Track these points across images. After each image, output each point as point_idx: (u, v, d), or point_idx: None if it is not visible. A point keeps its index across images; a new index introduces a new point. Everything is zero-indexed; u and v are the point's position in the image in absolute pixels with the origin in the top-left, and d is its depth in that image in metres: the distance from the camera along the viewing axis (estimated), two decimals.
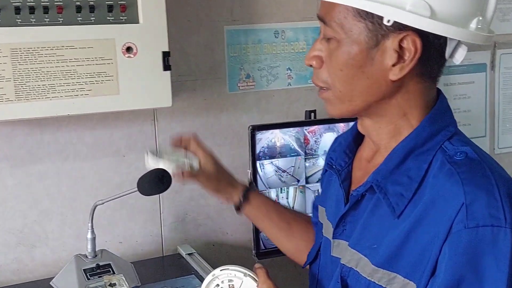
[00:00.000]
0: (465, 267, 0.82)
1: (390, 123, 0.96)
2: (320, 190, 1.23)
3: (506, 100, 2.16)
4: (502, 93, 2.16)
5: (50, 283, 1.45)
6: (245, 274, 0.99)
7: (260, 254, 1.63)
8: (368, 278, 0.93)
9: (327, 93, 0.96)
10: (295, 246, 1.27)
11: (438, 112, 0.95)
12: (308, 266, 1.19)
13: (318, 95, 0.99)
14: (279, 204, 1.40)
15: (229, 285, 0.99)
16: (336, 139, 1.17)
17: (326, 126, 1.69)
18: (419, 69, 0.90)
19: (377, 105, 0.94)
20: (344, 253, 0.99)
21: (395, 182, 0.92)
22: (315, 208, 1.25)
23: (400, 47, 0.88)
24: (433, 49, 0.89)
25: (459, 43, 0.91)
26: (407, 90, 0.93)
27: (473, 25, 0.89)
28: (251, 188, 1.31)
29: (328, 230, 1.08)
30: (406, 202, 0.90)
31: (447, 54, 0.91)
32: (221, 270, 1.00)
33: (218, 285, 1.00)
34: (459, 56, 0.92)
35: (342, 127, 1.70)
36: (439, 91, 0.98)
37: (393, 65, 0.89)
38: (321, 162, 1.70)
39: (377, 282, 0.91)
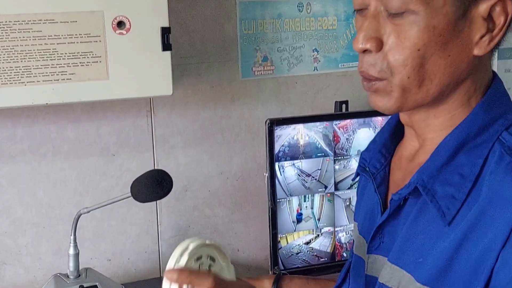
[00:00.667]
0: None
1: (448, 112, 0.95)
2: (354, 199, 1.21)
3: None
4: None
5: None
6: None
7: (278, 275, 1.60)
8: None
9: (383, 84, 0.93)
10: None
11: (494, 97, 0.95)
12: None
13: (367, 88, 0.96)
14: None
15: (210, 264, 1.02)
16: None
17: (360, 120, 1.68)
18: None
19: (448, 89, 0.93)
20: (382, 270, 0.99)
21: (445, 181, 0.92)
22: None
23: (489, 14, 0.89)
24: None
25: None
26: (479, 69, 0.93)
27: None
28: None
29: (360, 246, 1.08)
30: (459, 206, 0.90)
31: None
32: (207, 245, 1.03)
33: (200, 258, 1.02)
34: None
35: (380, 121, 1.69)
36: (494, 73, 0.98)
37: (481, 37, 0.89)
38: (354, 164, 1.69)
39: None
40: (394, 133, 1.06)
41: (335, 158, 1.67)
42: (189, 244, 1.03)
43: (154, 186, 1.31)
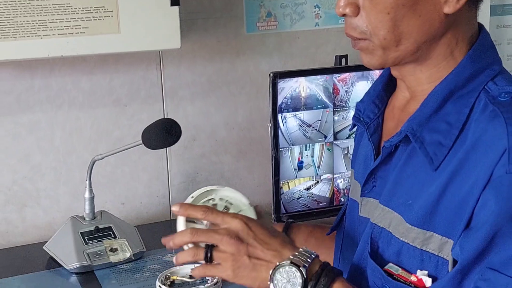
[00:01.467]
0: (505, 215, 0.83)
1: (434, 65, 0.96)
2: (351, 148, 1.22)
3: None
4: None
5: (43, 247, 1.45)
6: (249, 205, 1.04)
7: (280, 218, 1.62)
8: (401, 239, 0.94)
9: (366, 44, 0.95)
10: None
11: (481, 49, 0.95)
12: (333, 233, 1.21)
13: (353, 47, 0.98)
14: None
15: (226, 206, 1.03)
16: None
17: (359, 73, 1.67)
18: None
19: (426, 47, 0.94)
20: (374, 212, 1.00)
21: (433, 129, 0.93)
22: None
23: None
24: None
25: None
26: (458, 24, 0.93)
27: None
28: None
29: (355, 190, 1.10)
30: (446, 152, 0.91)
31: None
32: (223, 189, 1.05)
33: (213, 199, 1.03)
34: None
35: (377, 74, 1.66)
36: (480, 26, 0.98)
37: None
38: (352, 115, 1.66)
39: (411, 243, 0.92)
40: (387, 85, 1.07)
41: (334, 109, 1.66)
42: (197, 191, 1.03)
43: (163, 133, 1.31)
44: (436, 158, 0.91)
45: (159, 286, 1.26)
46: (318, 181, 1.67)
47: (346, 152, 1.68)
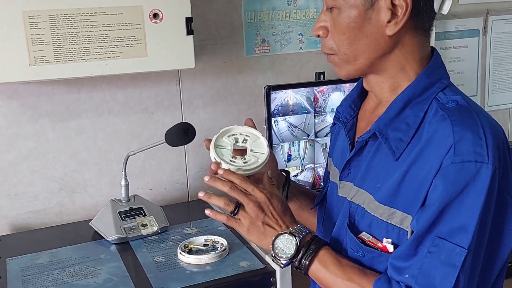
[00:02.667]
0: (451, 196, 0.83)
1: (391, 77, 0.96)
2: (329, 143, 1.21)
3: (496, 63, 2.12)
4: (493, 56, 2.11)
5: (90, 223, 1.45)
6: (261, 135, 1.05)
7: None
8: (372, 213, 0.94)
9: (334, 58, 0.97)
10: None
11: (433, 67, 0.95)
12: (315, 208, 1.20)
13: (328, 60, 0.99)
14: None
15: (244, 138, 1.05)
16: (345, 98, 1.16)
17: (333, 86, 1.68)
18: (412, 23, 0.91)
19: (379, 61, 0.94)
20: (350, 192, 1.00)
21: (395, 128, 0.92)
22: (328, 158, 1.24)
23: (393, 4, 0.89)
24: (422, 3, 0.90)
25: None
26: (404, 44, 0.93)
27: None
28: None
29: (334, 175, 1.09)
30: (405, 146, 0.91)
31: (436, 8, 0.92)
32: (240, 129, 1.07)
33: (235, 134, 1.05)
34: (446, 7, 0.93)
35: (348, 87, 1.67)
36: (433, 49, 0.98)
37: (388, 22, 0.90)
38: (329, 118, 1.68)
39: (379, 217, 0.92)
40: (360, 93, 1.07)
41: (315, 114, 1.66)
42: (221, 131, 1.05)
43: (182, 134, 1.29)
44: (398, 151, 0.91)
45: (180, 252, 1.26)
46: (303, 170, 1.68)
47: (324, 147, 1.69)
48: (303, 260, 0.94)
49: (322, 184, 1.26)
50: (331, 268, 0.93)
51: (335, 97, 1.67)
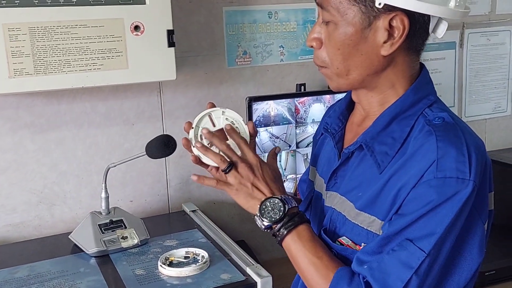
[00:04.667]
0: (429, 208, 0.84)
1: (380, 92, 0.97)
2: (310, 153, 1.22)
3: (472, 75, 2.16)
4: (469, 68, 2.15)
5: (69, 236, 1.44)
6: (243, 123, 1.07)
7: None
8: (352, 221, 0.95)
9: (326, 70, 0.97)
10: None
11: (421, 83, 0.96)
12: None
13: (320, 71, 0.99)
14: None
15: (227, 118, 1.06)
16: (330, 107, 1.17)
17: (314, 97, 1.69)
18: (407, 44, 0.91)
19: (370, 78, 0.95)
20: (335, 201, 1.02)
21: (381, 142, 0.94)
22: (308, 167, 1.25)
23: (390, 26, 0.89)
24: (418, 26, 0.90)
25: (440, 19, 0.93)
26: (396, 64, 0.94)
27: (452, 3, 0.90)
28: None
29: (320, 185, 1.10)
30: (390, 160, 0.92)
31: (430, 30, 0.92)
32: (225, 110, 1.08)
33: (224, 112, 1.07)
34: (441, 31, 0.93)
35: (328, 98, 1.69)
36: (422, 65, 0.99)
37: (384, 42, 0.90)
38: (309, 129, 1.69)
39: (359, 224, 0.94)
40: (348, 105, 1.07)
41: (296, 125, 1.67)
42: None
43: (163, 147, 1.29)
44: (383, 164, 0.92)
45: (160, 265, 1.26)
46: (285, 180, 1.67)
47: (306, 157, 1.69)
48: (281, 229, 0.96)
49: (300, 193, 1.26)
50: (306, 244, 0.95)
51: (316, 108, 1.68)
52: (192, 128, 1.05)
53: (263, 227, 0.97)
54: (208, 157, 1.00)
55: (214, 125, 1.06)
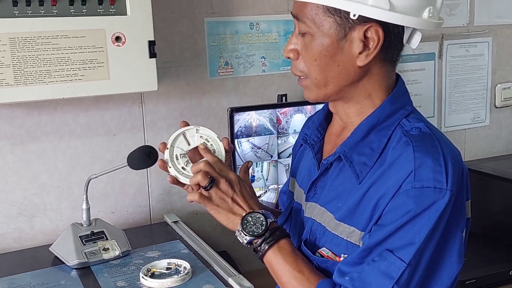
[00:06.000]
0: (407, 218, 0.86)
1: (357, 103, 0.98)
2: (291, 164, 1.23)
3: (451, 85, 2.20)
4: (448, 79, 2.18)
5: (49, 248, 1.43)
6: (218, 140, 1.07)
7: None
8: (332, 232, 0.96)
9: (305, 81, 0.98)
10: None
11: (398, 94, 0.97)
12: None
13: (298, 83, 1.00)
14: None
15: (201, 136, 1.06)
16: (309, 118, 1.18)
17: (295, 108, 1.70)
18: (382, 55, 0.93)
19: (347, 89, 0.96)
20: (315, 211, 1.02)
21: (360, 153, 0.94)
22: (289, 179, 1.26)
23: (365, 37, 0.90)
24: (393, 37, 0.92)
25: (414, 30, 0.94)
26: (372, 74, 0.95)
27: (425, 14, 0.92)
28: None
29: (299, 196, 1.10)
30: (368, 170, 0.93)
31: (404, 40, 0.94)
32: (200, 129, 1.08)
33: (198, 130, 1.07)
34: (415, 41, 0.95)
35: (309, 109, 1.70)
36: (398, 76, 1.01)
37: (360, 53, 0.91)
38: (291, 139, 1.70)
39: (339, 235, 0.95)
40: (327, 116, 1.09)
41: (278, 135, 1.68)
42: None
43: (144, 157, 1.28)
44: (362, 174, 0.93)
45: (142, 276, 1.25)
46: (266, 191, 1.69)
47: (287, 167, 1.70)
48: (263, 244, 0.96)
49: (281, 204, 1.27)
50: (287, 258, 0.96)
51: (297, 119, 1.69)
52: (167, 148, 1.05)
53: (245, 242, 0.98)
54: (192, 170, 1.00)
55: (189, 144, 1.06)
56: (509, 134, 2.33)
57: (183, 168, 1.03)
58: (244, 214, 0.98)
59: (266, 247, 0.96)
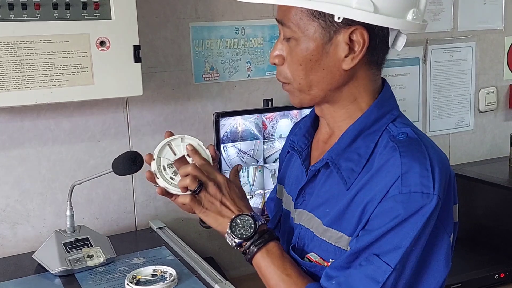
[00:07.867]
0: (395, 223, 0.86)
1: (343, 107, 0.98)
2: (277, 170, 1.23)
3: (436, 90, 2.22)
4: (433, 84, 2.21)
5: (33, 256, 1.42)
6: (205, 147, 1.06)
7: None
8: (320, 237, 0.97)
9: (289, 87, 0.98)
10: None
11: (384, 98, 0.98)
12: None
13: (282, 88, 1.00)
14: None
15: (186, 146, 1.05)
16: (296, 124, 1.18)
17: (281, 113, 1.70)
18: (367, 58, 0.93)
19: (332, 93, 0.96)
20: (303, 218, 1.02)
21: (347, 159, 0.95)
22: (276, 185, 1.26)
23: (350, 40, 0.91)
24: (378, 39, 0.92)
25: (399, 32, 0.95)
26: (357, 78, 0.95)
27: (409, 16, 0.92)
28: None
29: (288, 203, 1.11)
30: (356, 176, 0.93)
31: (390, 43, 0.94)
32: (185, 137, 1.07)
33: (183, 139, 1.06)
34: (400, 44, 0.95)
35: (295, 114, 1.71)
36: (384, 80, 1.01)
37: (346, 56, 0.91)
38: (277, 144, 1.70)
39: (327, 241, 0.95)
40: (314, 122, 1.08)
41: (264, 140, 1.68)
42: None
43: (129, 163, 1.27)
44: (349, 180, 0.93)
45: (127, 284, 1.24)
46: (252, 196, 1.69)
47: (273, 173, 1.70)
48: (252, 246, 0.97)
49: (268, 211, 1.27)
50: (275, 261, 0.96)
51: (283, 124, 1.70)
52: (154, 159, 1.05)
53: (234, 244, 0.98)
54: (180, 174, 1.00)
55: (175, 154, 1.06)
56: (493, 139, 2.36)
57: (171, 178, 1.03)
58: (233, 216, 0.98)
59: (255, 249, 0.97)
